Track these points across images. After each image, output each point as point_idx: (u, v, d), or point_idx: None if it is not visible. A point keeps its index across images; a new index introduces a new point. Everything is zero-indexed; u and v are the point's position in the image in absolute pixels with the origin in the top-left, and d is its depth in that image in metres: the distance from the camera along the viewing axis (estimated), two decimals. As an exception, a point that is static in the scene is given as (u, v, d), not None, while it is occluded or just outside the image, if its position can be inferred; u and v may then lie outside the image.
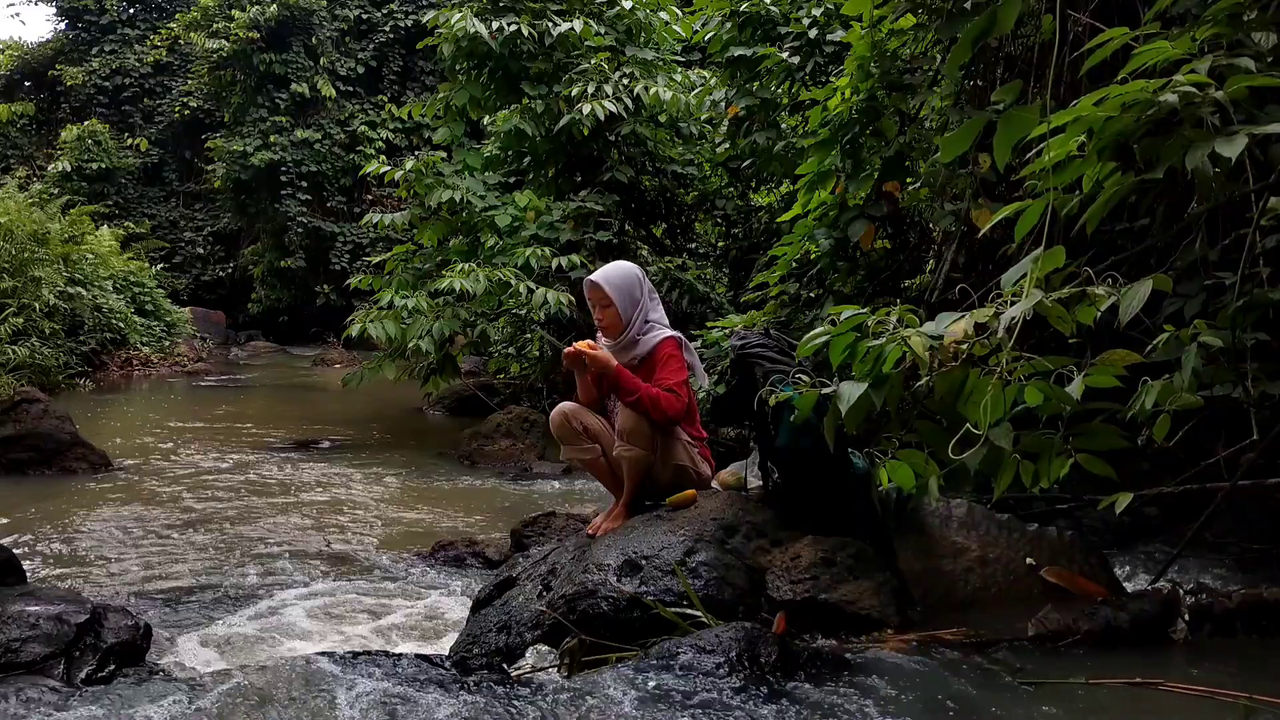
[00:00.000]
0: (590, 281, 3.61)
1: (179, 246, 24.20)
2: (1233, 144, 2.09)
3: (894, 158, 5.38)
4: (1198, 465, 3.28)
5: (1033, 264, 2.34)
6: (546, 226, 9.04)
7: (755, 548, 3.18)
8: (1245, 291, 2.70)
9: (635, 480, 3.54)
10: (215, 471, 7.14)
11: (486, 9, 9.56)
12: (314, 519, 5.73)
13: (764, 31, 7.50)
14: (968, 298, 2.65)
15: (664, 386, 3.45)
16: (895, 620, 2.93)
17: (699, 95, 8.95)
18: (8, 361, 9.84)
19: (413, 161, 9.26)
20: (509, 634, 3.08)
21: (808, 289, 6.43)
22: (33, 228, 11.85)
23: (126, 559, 4.73)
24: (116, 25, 25.01)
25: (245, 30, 20.51)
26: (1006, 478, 2.53)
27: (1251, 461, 2.96)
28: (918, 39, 5.23)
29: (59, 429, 6.97)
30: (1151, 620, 2.82)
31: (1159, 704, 2.31)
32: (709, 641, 2.57)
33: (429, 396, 11.03)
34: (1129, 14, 3.55)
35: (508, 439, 7.98)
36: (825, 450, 2.88)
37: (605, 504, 3.97)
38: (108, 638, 2.82)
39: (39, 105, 25.31)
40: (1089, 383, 2.35)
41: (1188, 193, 3.25)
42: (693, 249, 11.45)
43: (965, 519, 3.27)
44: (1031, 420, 2.54)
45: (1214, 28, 2.44)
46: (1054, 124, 2.32)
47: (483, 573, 4.44)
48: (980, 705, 2.40)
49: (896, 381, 2.56)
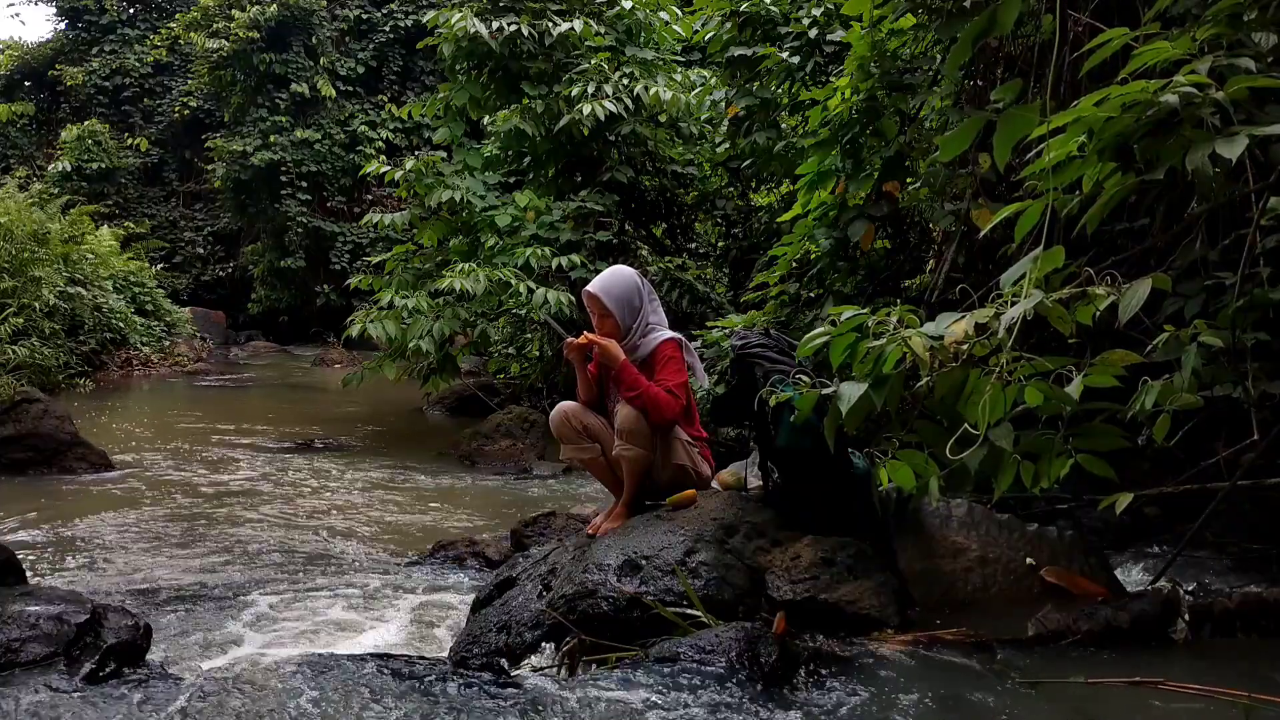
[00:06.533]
0: (588, 292, 3.59)
1: (179, 246, 24.23)
2: (1233, 144, 2.09)
3: (894, 158, 5.39)
4: (1198, 465, 3.28)
5: (1033, 264, 2.34)
6: (546, 226, 9.05)
7: (755, 548, 3.18)
8: (1245, 291, 2.70)
9: (635, 480, 3.54)
10: (215, 471, 7.14)
11: (486, 9, 9.57)
12: (314, 519, 5.73)
13: (764, 31, 7.50)
14: (968, 298, 2.65)
15: (664, 388, 3.45)
16: (895, 620, 2.93)
17: (699, 95, 8.96)
18: (8, 361, 9.83)
19: (413, 161, 9.27)
20: (509, 634, 3.08)
21: (808, 289, 6.43)
22: (33, 228, 11.84)
23: (126, 559, 4.73)
24: (116, 25, 25.05)
25: (245, 30, 20.51)
26: (1006, 478, 2.53)
27: (1251, 461, 2.96)
28: (918, 39, 5.23)
29: (59, 429, 6.97)
30: (1151, 620, 2.82)
31: (1159, 704, 2.31)
32: (709, 642, 2.57)
33: (429, 396, 11.04)
34: (1129, 14, 3.55)
35: (508, 439, 7.99)
36: (825, 450, 2.88)
37: (605, 504, 3.97)
38: (108, 637, 2.82)
39: (39, 105, 25.35)
40: (1089, 383, 2.35)
41: (1188, 193, 3.25)
42: (693, 249, 11.46)
43: (965, 519, 3.27)
44: (1031, 420, 2.55)
45: (1214, 28, 2.44)
46: (1054, 124, 2.32)
47: (483, 573, 4.45)
48: (980, 705, 2.40)
49: (897, 382, 2.56)
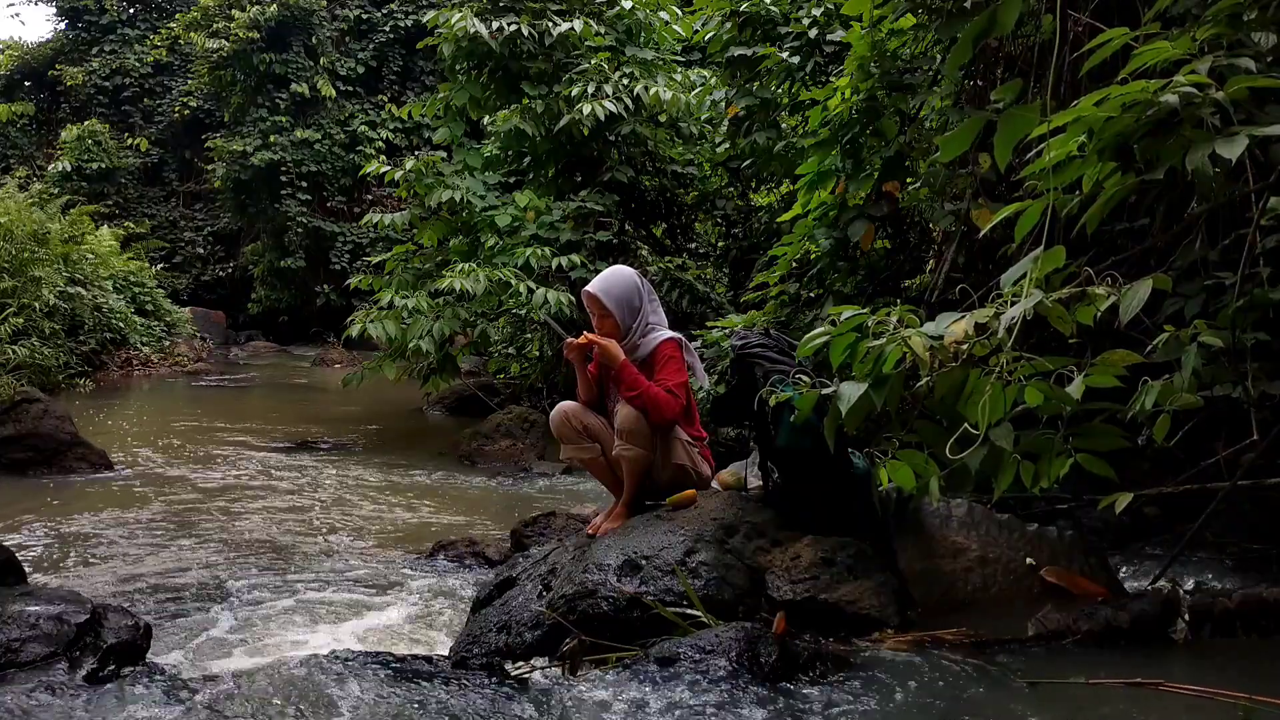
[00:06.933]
0: (588, 293, 3.59)
1: (179, 246, 24.22)
2: (1233, 145, 2.09)
3: (894, 158, 5.38)
4: (1198, 465, 3.28)
5: (1033, 264, 2.34)
6: (546, 226, 9.05)
7: (755, 548, 3.18)
8: (1245, 291, 2.70)
9: (635, 480, 3.54)
10: (215, 471, 7.14)
11: (486, 9, 9.57)
12: (313, 519, 5.73)
13: (764, 31, 7.50)
14: (968, 298, 2.65)
15: (664, 387, 3.45)
16: (895, 620, 2.93)
17: (699, 95, 8.96)
18: (8, 361, 9.83)
19: (413, 161, 9.26)
20: (509, 634, 3.08)
21: (808, 289, 6.43)
22: (33, 228, 11.83)
23: (126, 559, 4.73)
24: (116, 25, 25.04)
25: (245, 30, 20.50)
26: (1006, 478, 2.53)
27: (1251, 461, 2.96)
28: (918, 39, 5.23)
29: (59, 429, 6.97)
30: (1151, 620, 2.82)
31: (1159, 704, 2.31)
32: (709, 642, 2.57)
33: (429, 396, 11.04)
34: (1129, 14, 3.55)
35: (508, 439, 7.99)
36: (825, 450, 2.88)
37: (605, 504, 3.97)
38: (108, 637, 2.81)
39: (39, 105, 25.34)
40: (1089, 383, 2.35)
41: (1188, 193, 3.25)
42: (693, 249, 11.46)
43: (965, 519, 3.27)
44: (1031, 420, 2.55)
45: (1214, 28, 2.44)
46: (1054, 124, 2.32)
47: (483, 573, 4.45)
48: (980, 705, 2.40)
49: (897, 382, 2.56)
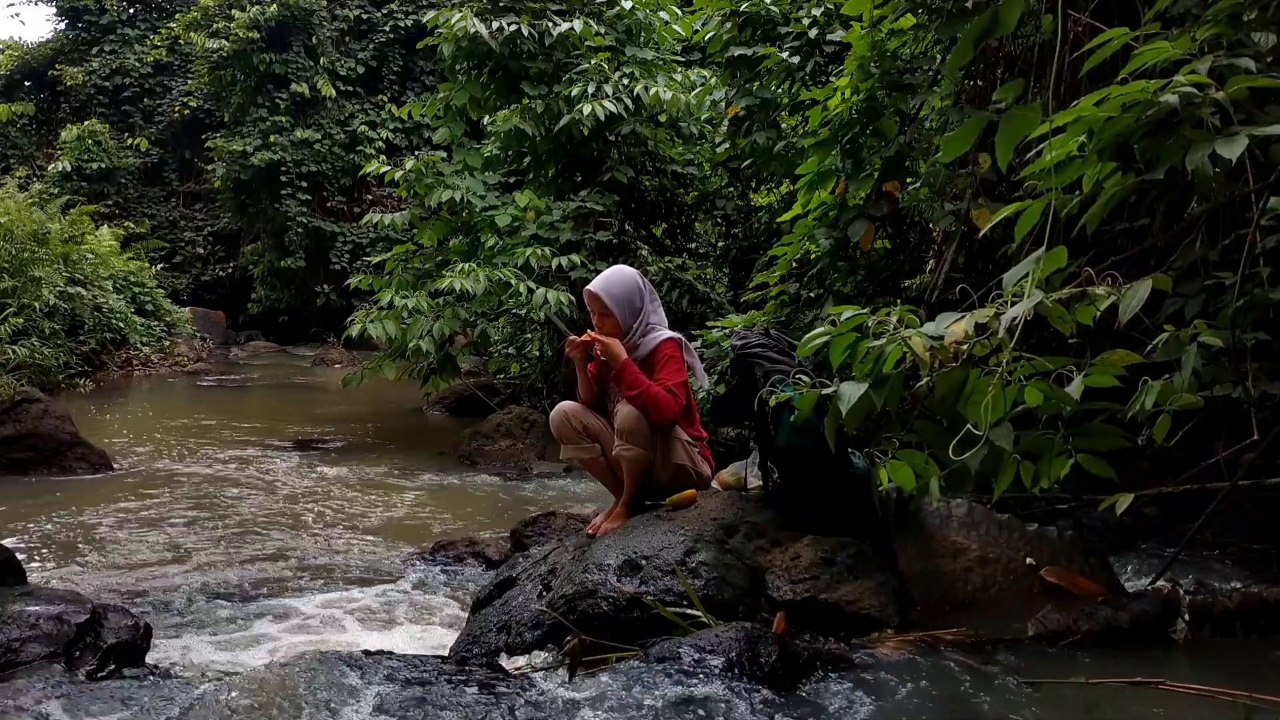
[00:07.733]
0: (590, 292, 3.59)
1: (179, 246, 24.20)
2: (1233, 145, 2.09)
3: (894, 158, 5.39)
4: (1198, 465, 3.28)
5: (1035, 264, 2.34)
6: (546, 226, 9.05)
7: (755, 548, 3.18)
8: (1245, 291, 2.70)
9: (635, 480, 3.54)
10: (215, 471, 7.14)
11: (486, 9, 9.57)
12: (313, 519, 5.73)
13: (764, 31, 7.50)
14: (968, 298, 2.65)
15: (664, 387, 3.45)
16: (895, 620, 2.93)
17: (699, 95, 8.96)
18: (8, 361, 9.83)
19: (413, 161, 9.26)
20: (509, 634, 3.08)
21: (808, 289, 6.43)
22: (33, 228, 11.83)
23: (126, 559, 4.73)
24: (116, 25, 25.02)
25: (245, 30, 20.49)
26: (1006, 478, 2.53)
27: (1251, 461, 2.96)
28: (918, 39, 5.24)
29: (59, 429, 6.97)
30: (1151, 620, 2.82)
31: (1159, 704, 2.31)
32: (709, 642, 2.57)
33: (429, 396, 11.03)
34: (1129, 14, 3.55)
35: (508, 439, 7.98)
36: (825, 450, 2.88)
37: (605, 504, 3.97)
38: (108, 637, 2.82)
39: (39, 105, 25.32)
40: (1089, 383, 2.35)
41: (1188, 193, 3.25)
42: (693, 249, 11.46)
43: (965, 519, 3.27)
44: (1031, 420, 2.54)
45: (1214, 28, 2.44)
46: (1055, 124, 2.32)
47: (483, 573, 4.45)
48: (980, 705, 2.40)
49: (897, 382, 2.56)
